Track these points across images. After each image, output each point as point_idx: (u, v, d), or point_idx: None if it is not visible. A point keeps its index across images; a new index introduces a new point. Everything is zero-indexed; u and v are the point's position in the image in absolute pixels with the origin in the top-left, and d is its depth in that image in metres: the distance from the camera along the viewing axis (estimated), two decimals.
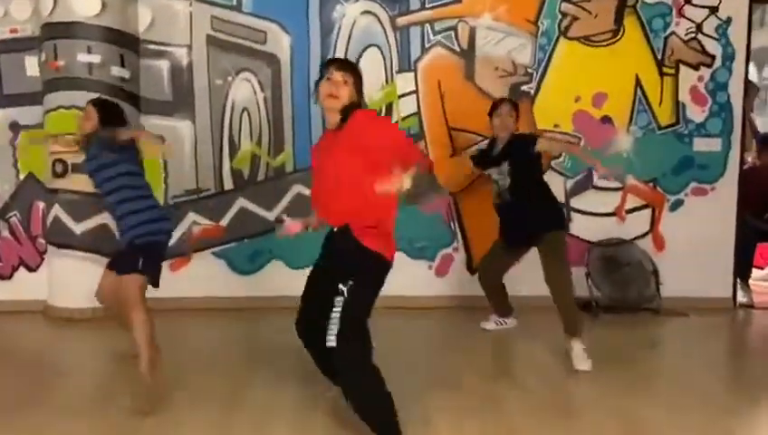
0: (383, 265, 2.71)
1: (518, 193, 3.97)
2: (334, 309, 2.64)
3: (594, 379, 3.51)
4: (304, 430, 2.85)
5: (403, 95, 5.02)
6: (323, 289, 2.75)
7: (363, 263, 2.69)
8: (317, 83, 2.83)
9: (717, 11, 5.04)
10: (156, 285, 3.22)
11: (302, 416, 2.98)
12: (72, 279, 4.65)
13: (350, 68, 2.87)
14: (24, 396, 3.22)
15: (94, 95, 4.32)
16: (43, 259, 4.95)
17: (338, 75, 2.77)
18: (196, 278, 4.96)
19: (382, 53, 4.99)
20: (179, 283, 4.78)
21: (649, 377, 3.65)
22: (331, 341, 2.62)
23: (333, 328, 2.61)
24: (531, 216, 3.94)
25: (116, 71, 4.64)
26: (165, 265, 3.34)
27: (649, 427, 2.95)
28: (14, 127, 4.92)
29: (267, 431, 2.83)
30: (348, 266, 2.69)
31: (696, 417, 3.03)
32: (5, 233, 4.98)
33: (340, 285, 2.65)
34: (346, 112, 2.72)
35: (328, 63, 2.86)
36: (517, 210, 4.00)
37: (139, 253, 3.12)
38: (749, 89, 5.27)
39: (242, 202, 5.05)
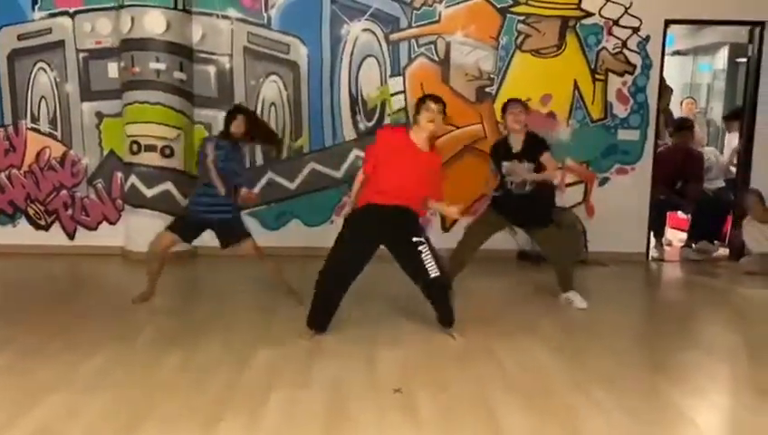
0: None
1: (528, 188, 4.55)
2: (423, 253, 3.76)
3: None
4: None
5: (394, 94, 6.39)
6: (370, 253, 3.83)
7: (420, 226, 3.99)
8: (417, 109, 3.74)
9: (639, 30, 6.32)
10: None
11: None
12: (144, 230, 6.11)
13: (443, 102, 3.74)
14: (105, 312, 4.66)
15: (162, 94, 5.77)
16: (120, 216, 6.41)
17: (434, 106, 3.66)
18: None
19: (378, 61, 6.35)
20: None
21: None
22: (435, 272, 3.76)
23: (432, 264, 3.75)
24: (530, 209, 4.59)
25: (177, 74, 6.05)
26: None
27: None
28: (99, 115, 6.32)
29: None
30: (414, 228, 3.88)
31: (605, 323, 4.53)
32: (92, 196, 6.43)
33: (415, 238, 3.79)
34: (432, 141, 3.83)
35: (426, 98, 3.72)
36: (522, 201, 4.57)
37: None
38: (664, 90, 6.63)
39: (270, 175, 6.50)
